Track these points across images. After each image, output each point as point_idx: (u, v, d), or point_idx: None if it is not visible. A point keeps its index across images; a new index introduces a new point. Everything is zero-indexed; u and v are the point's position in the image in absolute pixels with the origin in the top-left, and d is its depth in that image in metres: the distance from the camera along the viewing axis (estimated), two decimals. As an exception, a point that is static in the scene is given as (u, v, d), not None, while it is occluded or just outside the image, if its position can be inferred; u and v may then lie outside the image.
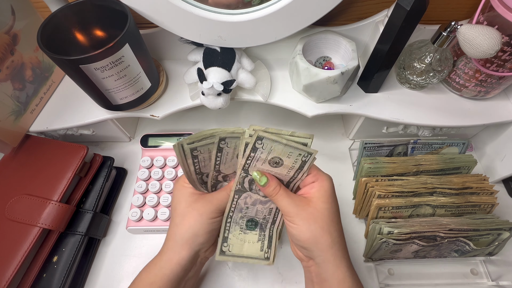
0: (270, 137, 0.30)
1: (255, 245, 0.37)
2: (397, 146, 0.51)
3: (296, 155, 0.31)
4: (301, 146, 0.30)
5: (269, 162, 0.32)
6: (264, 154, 0.31)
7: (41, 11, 0.47)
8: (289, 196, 0.33)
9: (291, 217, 0.32)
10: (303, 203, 0.32)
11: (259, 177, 0.33)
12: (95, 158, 0.49)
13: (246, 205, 0.36)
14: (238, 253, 0.37)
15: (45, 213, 0.42)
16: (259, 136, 0.30)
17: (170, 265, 0.34)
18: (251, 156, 0.31)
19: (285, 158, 0.32)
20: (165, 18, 0.41)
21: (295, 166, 0.32)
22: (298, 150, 0.31)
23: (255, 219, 0.37)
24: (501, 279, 0.45)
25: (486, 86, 0.46)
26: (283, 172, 0.33)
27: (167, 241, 0.35)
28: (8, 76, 0.43)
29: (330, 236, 0.32)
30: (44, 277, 0.42)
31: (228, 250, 0.37)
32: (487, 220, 0.42)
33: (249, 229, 0.37)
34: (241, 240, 0.37)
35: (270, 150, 0.31)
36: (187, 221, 0.34)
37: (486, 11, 0.41)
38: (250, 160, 0.32)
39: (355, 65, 0.43)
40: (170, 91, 0.51)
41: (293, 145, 0.30)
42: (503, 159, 0.52)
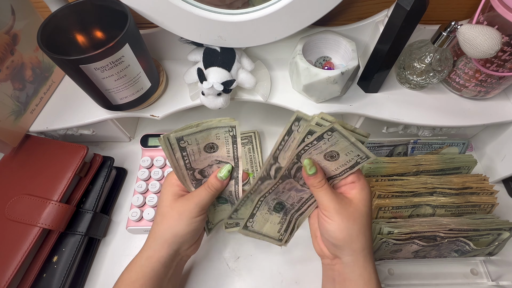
0: (342, 131, 0.29)
1: (275, 226, 0.38)
2: (397, 146, 0.51)
3: (355, 155, 0.31)
4: (363, 148, 0.30)
5: (325, 155, 0.32)
6: (326, 145, 0.31)
7: (41, 11, 0.47)
8: (333, 192, 0.33)
9: (330, 213, 0.32)
10: (346, 202, 0.32)
11: (309, 166, 0.32)
12: (95, 158, 0.49)
13: (283, 189, 0.36)
14: (259, 230, 0.38)
15: (45, 213, 0.42)
16: (333, 128, 0.29)
17: (150, 263, 0.34)
18: (312, 144, 0.30)
19: (343, 155, 0.31)
20: (165, 18, 0.41)
21: (348, 164, 0.32)
22: (359, 151, 0.30)
23: (284, 203, 0.37)
24: (501, 279, 0.45)
25: (486, 86, 0.46)
26: (332, 167, 0.33)
27: (148, 239, 0.36)
28: (8, 76, 0.43)
29: (364, 238, 0.32)
30: (44, 277, 0.42)
31: (251, 226, 0.38)
32: (487, 220, 0.42)
33: (275, 211, 0.38)
34: (265, 219, 0.38)
35: (334, 143, 0.30)
36: (166, 221, 0.35)
37: (486, 11, 0.41)
38: (308, 148, 0.31)
39: (355, 65, 0.43)
40: (170, 91, 0.51)
41: (358, 145, 0.30)
42: (503, 159, 0.52)
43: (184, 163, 0.34)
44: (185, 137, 0.32)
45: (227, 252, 0.48)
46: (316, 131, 0.29)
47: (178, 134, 0.32)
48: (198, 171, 0.36)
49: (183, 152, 0.33)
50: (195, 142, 0.33)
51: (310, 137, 0.30)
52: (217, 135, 0.33)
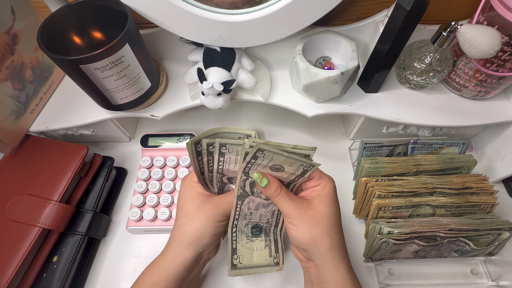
0: (271, 149, 0.29)
1: (263, 252, 0.37)
2: (397, 146, 0.51)
3: (298, 165, 0.31)
4: (303, 159, 0.30)
5: (270, 168, 0.32)
6: (265, 161, 0.31)
7: (41, 11, 0.47)
8: (290, 198, 0.33)
9: (292, 219, 0.32)
10: (304, 205, 0.32)
11: (260, 179, 0.32)
12: (95, 158, 0.49)
13: (250, 211, 0.36)
14: (249, 263, 0.36)
15: (45, 213, 0.42)
16: (260, 149, 0.29)
17: (174, 265, 0.34)
18: (251, 162, 0.31)
19: (287, 166, 0.31)
20: (165, 18, 0.41)
21: (297, 173, 0.32)
22: (300, 161, 0.31)
23: (259, 225, 0.37)
24: (501, 279, 0.45)
25: (486, 86, 0.46)
26: (284, 176, 0.33)
27: (171, 241, 0.35)
28: (8, 76, 0.43)
29: (330, 239, 0.32)
30: (44, 277, 0.42)
31: (239, 262, 0.36)
32: (487, 220, 0.42)
33: (255, 236, 0.37)
34: (249, 249, 0.37)
35: (271, 159, 0.31)
36: (193, 222, 0.34)
37: (486, 11, 0.41)
38: (251, 165, 0.32)
39: (355, 65, 0.43)
40: (170, 91, 0.51)
41: (294, 157, 0.30)
42: (503, 159, 0.52)
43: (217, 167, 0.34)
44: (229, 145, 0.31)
45: (227, 252, 0.48)
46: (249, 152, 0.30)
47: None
48: (227, 177, 0.36)
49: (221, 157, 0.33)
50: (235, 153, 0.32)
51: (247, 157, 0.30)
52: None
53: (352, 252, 0.47)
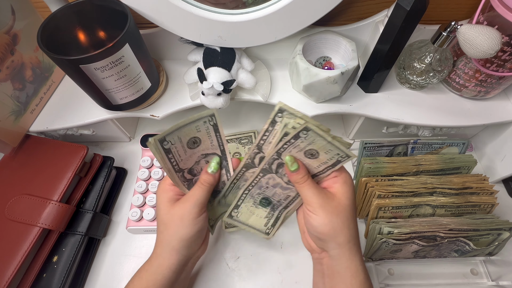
0: (317, 131, 0.29)
1: (261, 220, 0.38)
2: (397, 146, 0.51)
3: (334, 153, 0.31)
4: (342, 147, 0.31)
5: (305, 153, 0.32)
6: (304, 144, 0.31)
7: (41, 11, 0.47)
8: (316, 187, 0.33)
9: (314, 208, 0.32)
10: (328, 196, 0.33)
11: (291, 163, 0.32)
12: (95, 158, 0.49)
13: (267, 185, 0.36)
14: (244, 221, 0.38)
15: (45, 213, 0.42)
16: (307, 127, 0.29)
17: (161, 270, 0.34)
18: (290, 142, 0.31)
19: (322, 153, 0.32)
20: (165, 18, 0.41)
21: (328, 162, 0.32)
22: (338, 150, 0.31)
23: (270, 199, 0.37)
24: (501, 279, 0.45)
25: (486, 86, 0.46)
26: (314, 164, 0.33)
27: (156, 247, 0.35)
28: (8, 76, 0.43)
29: (348, 231, 0.32)
30: (44, 277, 0.42)
31: (236, 216, 0.38)
32: (487, 220, 0.42)
33: (261, 205, 0.38)
34: (250, 212, 0.38)
35: (311, 142, 0.31)
36: (170, 228, 0.34)
37: (486, 11, 0.41)
38: (288, 145, 0.31)
39: (355, 65, 0.43)
40: (170, 91, 0.51)
41: (335, 144, 0.30)
42: (503, 159, 0.52)
43: (172, 165, 0.33)
44: (167, 137, 0.31)
45: (227, 252, 0.48)
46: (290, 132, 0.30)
47: (159, 136, 0.31)
48: (187, 171, 0.36)
49: (169, 154, 0.32)
50: (178, 140, 0.32)
51: (288, 136, 0.31)
52: (197, 127, 0.33)
53: (352, 252, 0.48)
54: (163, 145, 0.31)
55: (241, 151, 0.55)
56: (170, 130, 0.31)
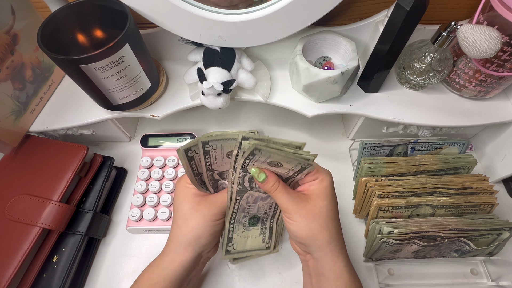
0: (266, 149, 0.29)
1: (257, 239, 0.38)
2: (397, 146, 0.51)
3: (296, 163, 0.31)
4: (299, 158, 0.30)
5: (268, 164, 0.32)
6: (263, 158, 0.31)
7: (41, 11, 0.47)
8: (288, 193, 0.33)
9: (290, 214, 0.32)
10: (302, 199, 0.32)
11: (257, 174, 0.32)
12: (95, 158, 0.49)
13: (248, 204, 0.36)
14: (242, 249, 0.37)
15: (45, 213, 0.42)
16: (256, 148, 0.29)
17: (173, 266, 0.34)
18: (249, 158, 0.31)
19: (285, 163, 0.31)
20: (165, 18, 0.41)
21: (295, 169, 0.32)
22: (298, 160, 0.31)
23: (256, 216, 0.37)
24: (501, 279, 0.45)
25: (486, 86, 0.46)
26: (283, 171, 0.33)
27: (169, 243, 0.35)
28: (8, 76, 0.43)
29: (328, 233, 0.32)
30: (44, 277, 0.42)
31: (232, 248, 0.37)
32: (487, 220, 0.42)
33: (252, 226, 0.37)
34: (244, 237, 0.37)
35: (268, 156, 0.31)
36: (190, 223, 0.34)
37: (486, 11, 0.41)
38: (248, 160, 0.32)
39: (355, 65, 0.43)
40: (170, 91, 0.51)
41: (290, 156, 0.30)
42: (503, 159, 0.52)
43: (205, 164, 0.34)
44: (211, 142, 0.31)
45: (227, 252, 0.48)
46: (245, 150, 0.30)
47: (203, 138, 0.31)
48: (218, 173, 0.36)
49: (206, 155, 0.33)
50: (220, 148, 0.32)
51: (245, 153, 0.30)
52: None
53: (352, 252, 0.48)
54: (204, 147, 0.32)
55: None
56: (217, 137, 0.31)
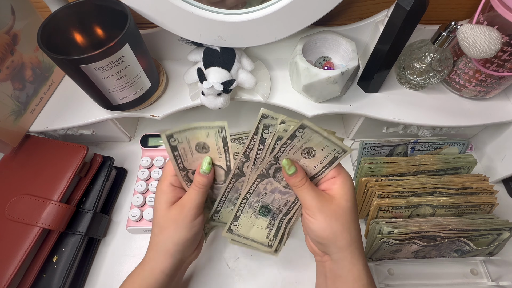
0: (313, 127, 0.29)
1: (262, 231, 0.37)
2: (397, 146, 0.51)
3: (331, 149, 0.31)
4: (338, 142, 0.31)
5: (302, 152, 0.32)
6: (300, 143, 0.31)
7: (41, 11, 0.47)
8: (314, 190, 0.32)
9: (313, 212, 0.32)
10: (326, 199, 0.32)
11: (288, 166, 0.32)
12: (95, 158, 0.49)
13: (265, 191, 0.35)
14: (244, 234, 0.37)
15: (45, 213, 0.42)
16: (303, 125, 0.29)
17: (154, 275, 0.33)
18: (286, 143, 0.31)
19: (319, 150, 0.31)
20: (165, 18, 0.41)
21: (326, 160, 0.32)
22: (334, 145, 0.31)
23: (269, 206, 0.37)
24: (501, 279, 0.45)
25: (486, 86, 0.46)
26: (311, 165, 0.33)
27: (149, 250, 0.35)
28: (8, 76, 0.43)
29: (349, 235, 0.32)
30: (44, 277, 0.42)
31: (236, 229, 0.37)
32: (487, 220, 0.42)
33: (261, 215, 0.37)
34: (250, 223, 0.37)
35: (307, 140, 0.31)
36: (165, 231, 0.34)
37: (486, 11, 0.41)
38: (284, 148, 0.31)
39: (355, 65, 0.43)
40: (170, 91, 0.51)
41: (331, 139, 0.30)
42: (503, 159, 0.52)
43: (176, 162, 0.33)
44: (175, 134, 0.31)
45: (227, 252, 0.48)
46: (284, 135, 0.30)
47: (168, 132, 0.31)
48: (192, 172, 0.35)
49: (175, 152, 0.33)
50: (186, 141, 0.32)
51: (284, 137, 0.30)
52: (208, 133, 0.33)
53: (352, 252, 0.48)
54: (169, 141, 0.32)
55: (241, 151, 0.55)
56: (180, 128, 0.31)
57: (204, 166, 0.34)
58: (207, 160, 0.34)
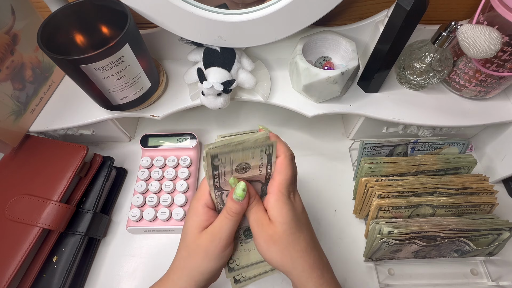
0: (224, 150, 0.27)
1: None
2: (397, 146, 0.51)
3: (258, 151, 0.29)
4: (259, 142, 0.28)
5: (237, 171, 0.30)
6: (227, 167, 0.29)
7: (41, 11, 0.47)
8: (256, 212, 0.31)
9: (254, 238, 0.31)
10: (265, 222, 0.30)
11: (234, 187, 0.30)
12: (95, 158, 0.49)
13: None
14: (246, 263, 0.35)
15: (45, 213, 0.42)
16: (212, 155, 0.27)
17: None
18: (215, 175, 0.29)
19: (250, 160, 0.29)
20: (165, 18, 0.41)
21: (263, 162, 0.30)
22: (256, 147, 0.28)
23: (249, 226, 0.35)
24: (501, 279, 0.45)
25: (486, 86, 0.46)
26: (255, 173, 0.31)
27: (173, 272, 0.33)
28: (8, 76, 0.43)
29: (290, 259, 0.30)
30: (44, 277, 0.42)
31: (235, 264, 0.35)
32: (487, 220, 0.42)
33: (249, 238, 0.35)
34: (245, 251, 0.35)
35: (231, 161, 0.29)
36: (193, 258, 0.31)
37: (486, 11, 0.41)
38: (217, 178, 0.30)
39: (355, 65, 0.43)
40: (170, 91, 0.51)
41: (250, 145, 0.28)
42: (503, 159, 0.52)
43: (213, 182, 0.31)
44: (220, 155, 0.28)
45: (227, 252, 0.48)
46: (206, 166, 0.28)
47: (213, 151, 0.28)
48: (227, 193, 0.32)
49: (215, 171, 0.29)
50: (229, 162, 0.29)
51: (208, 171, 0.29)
52: (252, 154, 0.29)
53: (352, 252, 0.48)
54: (213, 161, 0.29)
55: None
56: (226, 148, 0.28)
57: (238, 191, 0.30)
58: (242, 186, 0.30)
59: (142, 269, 0.47)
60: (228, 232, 0.31)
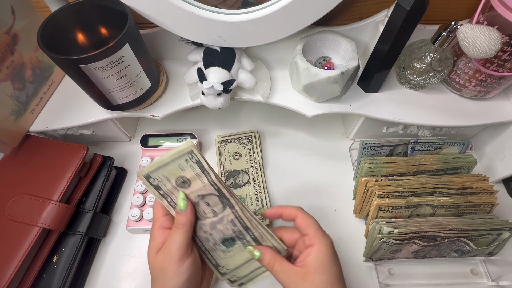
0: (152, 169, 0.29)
1: (244, 253, 0.35)
2: (397, 146, 0.51)
3: (185, 162, 0.29)
4: (178, 153, 0.29)
5: (179, 186, 0.31)
6: (168, 184, 0.30)
7: (41, 11, 0.47)
8: (284, 271, 0.31)
9: None
10: (300, 276, 0.31)
11: (252, 252, 0.32)
12: (95, 158, 0.49)
13: (207, 233, 0.33)
14: (236, 265, 0.35)
15: (45, 213, 0.42)
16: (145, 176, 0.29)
17: None
18: (162, 194, 0.30)
19: (184, 173, 0.30)
20: (165, 18, 0.41)
21: (198, 171, 0.30)
22: (181, 157, 0.29)
23: (227, 237, 0.34)
24: (501, 279, 0.45)
25: (486, 86, 0.46)
26: (199, 185, 0.31)
27: None
28: (8, 76, 0.43)
29: None
30: (44, 277, 0.42)
31: (226, 269, 0.35)
32: (487, 220, 0.42)
33: (230, 246, 0.34)
34: (230, 256, 0.35)
35: (167, 178, 0.30)
36: (157, 282, 0.32)
37: (486, 11, 0.41)
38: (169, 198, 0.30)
39: (355, 65, 0.43)
40: (170, 91, 0.51)
41: (171, 158, 0.29)
42: (503, 159, 0.52)
43: (166, 201, 0.31)
44: (151, 173, 0.29)
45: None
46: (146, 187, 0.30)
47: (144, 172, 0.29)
48: None
49: (159, 191, 0.30)
50: (165, 179, 0.30)
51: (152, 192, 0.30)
52: (180, 165, 0.30)
53: (352, 252, 0.48)
54: (150, 182, 0.30)
55: (241, 151, 0.55)
56: (153, 166, 0.29)
57: (178, 202, 0.31)
58: (181, 196, 0.31)
59: (142, 269, 0.47)
60: (178, 244, 0.31)
